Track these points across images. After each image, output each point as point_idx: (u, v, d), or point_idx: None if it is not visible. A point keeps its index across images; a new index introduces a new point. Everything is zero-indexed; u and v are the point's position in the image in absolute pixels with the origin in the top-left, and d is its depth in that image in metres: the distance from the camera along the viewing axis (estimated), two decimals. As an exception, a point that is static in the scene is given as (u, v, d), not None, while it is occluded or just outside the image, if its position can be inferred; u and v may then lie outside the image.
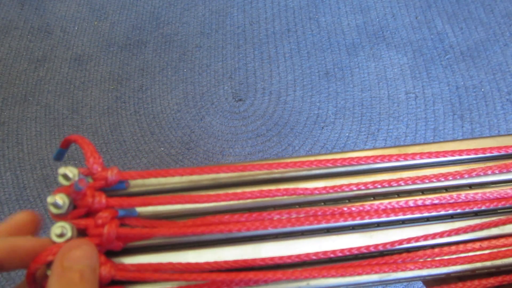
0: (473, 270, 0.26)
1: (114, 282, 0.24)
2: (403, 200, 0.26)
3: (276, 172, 0.27)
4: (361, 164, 0.27)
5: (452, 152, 0.27)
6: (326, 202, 0.27)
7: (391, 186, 0.26)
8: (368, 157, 0.26)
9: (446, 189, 0.28)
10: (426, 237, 0.25)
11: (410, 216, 0.26)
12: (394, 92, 1.09)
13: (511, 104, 1.04)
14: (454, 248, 0.26)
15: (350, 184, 0.26)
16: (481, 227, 0.26)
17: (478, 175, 0.27)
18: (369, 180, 0.26)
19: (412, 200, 0.26)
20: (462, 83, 1.08)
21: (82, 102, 1.16)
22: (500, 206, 0.27)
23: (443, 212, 0.26)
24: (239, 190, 0.25)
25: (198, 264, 0.24)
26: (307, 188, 0.25)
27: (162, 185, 0.27)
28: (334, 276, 0.24)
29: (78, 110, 1.15)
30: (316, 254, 0.25)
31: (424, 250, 0.26)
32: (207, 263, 0.24)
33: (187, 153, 1.07)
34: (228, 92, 1.14)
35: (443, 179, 0.27)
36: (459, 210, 0.26)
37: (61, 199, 0.23)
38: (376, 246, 0.25)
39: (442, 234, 0.26)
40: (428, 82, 1.09)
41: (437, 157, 0.27)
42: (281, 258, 0.24)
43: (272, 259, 0.24)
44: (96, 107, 1.15)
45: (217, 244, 0.26)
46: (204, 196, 0.25)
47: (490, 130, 1.02)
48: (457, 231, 0.26)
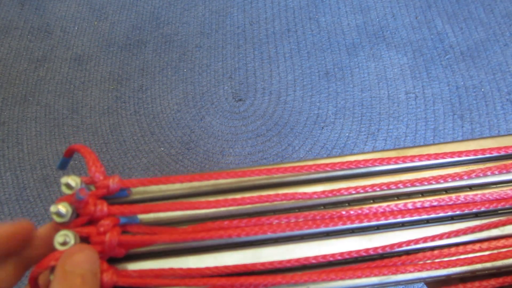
0: (473, 272, 0.25)
1: None
2: (402, 203, 0.26)
3: (275, 177, 0.27)
4: (359, 168, 0.27)
5: (451, 154, 0.27)
6: (325, 206, 0.27)
7: (390, 189, 0.26)
8: (366, 160, 0.26)
9: (446, 190, 0.28)
10: (425, 239, 0.25)
11: (409, 218, 0.26)
12: (394, 92, 1.09)
13: (511, 104, 1.04)
14: (454, 249, 0.26)
15: (349, 188, 0.26)
16: (481, 229, 0.26)
17: (478, 176, 0.27)
18: (368, 183, 0.26)
19: (411, 202, 0.26)
20: (462, 83, 1.08)
21: (82, 102, 1.16)
22: (500, 207, 0.27)
23: (442, 214, 0.26)
24: (239, 196, 0.25)
25: (199, 269, 0.24)
26: (306, 193, 0.25)
27: (163, 191, 0.27)
28: (333, 279, 0.24)
29: (78, 110, 1.15)
30: (316, 258, 0.25)
31: (423, 252, 0.26)
32: (208, 268, 0.24)
33: (187, 153, 1.07)
34: (228, 92, 1.14)
35: (442, 181, 0.27)
36: (459, 212, 0.26)
37: (64, 207, 0.23)
38: (376, 249, 0.25)
39: (441, 236, 0.26)
40: (428, 82, 1.09)
41: (436, 159, 0.27)
42: (280, 262, 0.25)
43: (271, 263, 0.25)
44: (96, 107, 1.15)
45: (217, 249, 0.26)
46: (204, 202, 0.25)
47: (490, 130, 1.02)
48: (457, 233, 0.26)
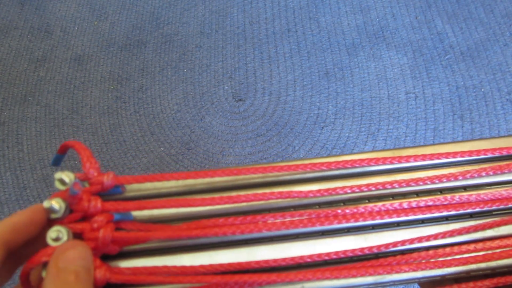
0: (467, 272, 0.26)
1: (109, 285, 0.24)
2: (397, 203, 0.26)
3: (270, 176, 0.27)
4: (355, 167, 0.27)
5: (447, 154, 0.27)
6: (320, 205, 0.27)
7: (386, 188, 0.26)
8: (362, 160, 0.26)
9: (441, 191, 0.28)
10: (420, 239, 0.25)
11: (404, 218, 0.26)
12: (394, 92, 1.09)
13: (511, 104, 1.04)
14: (448, 250, 0.26)
15: (344, 187, 0.26)
16: (475, 229, 0.26)
17: (473, 177, 0.27)
18: (363, 183, 0.26)
19: (406, 202, 0.26)
20: (462, 83, 1.08)
21: (82, 102, 1.16)
22: (494, 207, 0.27)
23: (437, 214, 0.26)
24: (234, 194, 0.25)
25: (193, 267, 0.24)
26: (301, 191, 0.25)
27: (158, 189, 0.27)
28: (328, 278, 0.24)
29: (78, 110, 1.15)
30: (311, 256, 0.25)
31: (418, 252, 0.26)
32: (202, 266, 0.24)
33: (187, 153, 1.07)
34: (228, 92, 1.14)
35: (437, 181, 0.27)
36: (454, 212, 0.26)
37: (57, 203, 0.23)
38: (371, 248, 0.25)
39: (436, 236, 0.26)
40: (428, 82, 1.09)
41: (431, 159, 0.27)
42: (275, 261, 0.25)
43: (266, 262, 0.25)
44: (96, 107, 1.15)
45: (212, 247, 0.26)
46: (199, 199, 0.25)
47: (490, 130, 1.02)
48: (451, 233, 0.26)
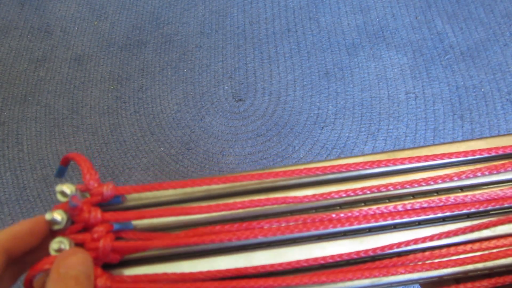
0: (465, 273, 0.26)
1: None
2: (392, 205, 0.26)
3: (266, 182, 0.27)
4: (350, 171, 0.27)
5: (442, 155, 0.27)
6: (317, 209, 0.27)
7: (381, 191, 0.26)
8: (357, 163, 0.27)
9: (437, 192, 0.28)
10: (416, 240, 0.26)
11: (399, 220, 0.26)
12: (394, 92, 1.09)
13: (511, 104, 1.04)
14: (445, 251, 0.26)
15: (339, 191, 0.26)
16: (472, 229, 0.26)
17: (468, 177, 0.27)
18: (358, 186, 0.26)
19: (401, 204, 0.26)
20: (462, 83, 1.08)
21: (82, 102, 1.16)
22: (491, 207, 0.27)
23: (433, 215, 0.26)
24: (231, 201, 0.26)
25: (192, 274, 0.24)
26: (296, 197, 0.26)
27: (157, 198, 0.27)
28: (325, 282, 0.24)
29: (78, 110, 1.15)
30: (307, 261, 0.25)
31: (415, 254, 0.26)
32: (201, 273, 0.24)
33: (187, 153, 1.07)
34: (228, 92, 1.14)
35: (433, 183, 0.27)
36: (450, 213, 0.26)
37: (59, 215, 0.24)
38: (366, 251, 0.25)
39: (432, 238, 0.26)
40: (428, 82, 1.09)
41: (426, 161, 0.27)
42: (272, 266, 0.25)
43: (263, 267, 0.25)
44: (96, 107, 1.15)
45: (210, 254, 0.26)
46: (196, 208, 0.25)
47: (490, 130, 1.02)
48: (447, 234, 0.26)
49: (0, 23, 1.30)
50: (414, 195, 0.27)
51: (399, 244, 0.25)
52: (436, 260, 0.25)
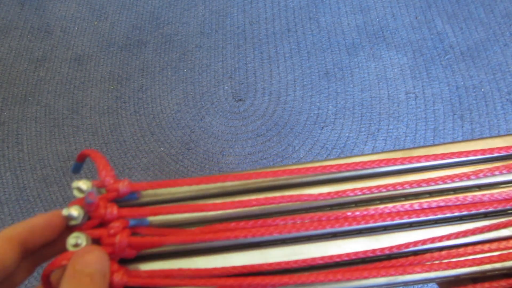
0: (483, 272, 0.25)
1: None
2: (409, 204, 0.26)
3: (281, 179, 0.27)
4: (365, 169, 0.27)
5: (459, 154, 0.27)
6: (332, 207, 0.27)
7: (397, 189, 0.26)
8: (372, 161, 0.26)
9: (454, 191, 0.27)
10: (433, 239, 0.25)
11: (416, 219, 0.26)
12: (394, 92, 1.09)
13: (511, 104, 1.05)
14: (462, 250, 0.25)
15: (355, 189, 0.26)
16: (489, 229, 0.26)
17: (486, 176, 0.27)
18: (374, 184, 0.26)
19: (417, 203, 0.26)
20: (462, 83, 1.08)
21: (82, 102, 1.16)
22: (509, 206, 0.26)
23: (450, 214, 0.26)
24: (245, 198, 0.26)
25: (207, 269, 0.24)
26: (311, 195, 0.26)
27: (172, 194, 0.27)
28: (340, 280, 0.24)
29: (78, 110, 1.15)
30: (322, 258, 0.25)
31: (431, 253, 0.25)
32: (216, 269, 0.24)
33: (187, 153, 1.07)
34: (228, 92, 1.14)
35: (449, 181, 0.26)
36: (467, 212, 0.26)
37: (76, 210, 0.24)
38: (383, 249, 0.25)
39: (449, 237, 0.25)
40: (428, 82, 1.09)
41: (443, 159, 0.27)
42: (287, 263, 0.25)
43: (278, 264, 0.25)
44: (96, 107, 1.15)
45: (225, 250, 0.26)
46: (211, 204, 0.25)
47: (490, 130, 1.02)
48: (465, 233, 0.26)
49: (0, 23, 1.29)
50: (431, 194, 0.27)
51: (415, 243, 0.25)
52: (453, 260, 0.25)
